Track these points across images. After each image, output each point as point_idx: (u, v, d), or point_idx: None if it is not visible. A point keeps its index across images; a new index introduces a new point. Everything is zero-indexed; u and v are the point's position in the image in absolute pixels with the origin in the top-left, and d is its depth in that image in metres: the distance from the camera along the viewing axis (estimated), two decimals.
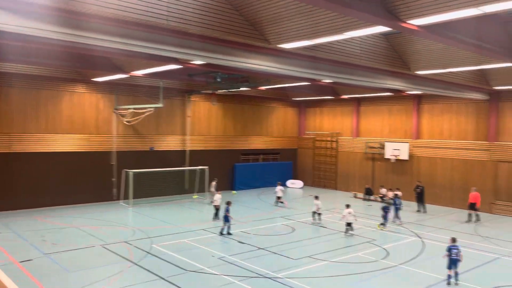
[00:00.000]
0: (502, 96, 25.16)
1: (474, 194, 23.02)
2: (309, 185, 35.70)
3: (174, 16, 10.84)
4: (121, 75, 21.91)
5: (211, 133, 31.55)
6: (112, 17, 10.38)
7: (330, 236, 18.97)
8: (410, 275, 14.05)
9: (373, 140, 31.58)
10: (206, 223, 20.82)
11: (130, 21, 10.62)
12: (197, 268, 14.09)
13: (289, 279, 13.24)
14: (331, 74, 16.75)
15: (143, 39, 11.56)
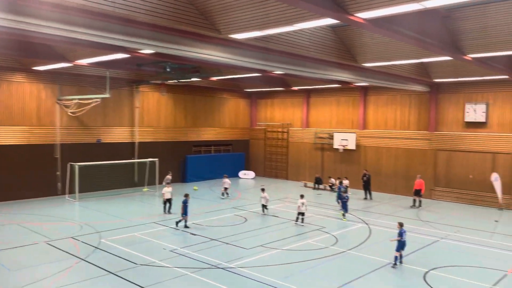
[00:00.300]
0: (441, 88, 26.60)
1: (418, 181, 24.34)
2: (261, 175, 36.06)
3: (121, 3, 10.46)
4: (65, 64, 20.90)
5: (161, 125, 30.95)
6: (52, 2, 9.83)
7: (281, 225, 19.30)
8: (358, 259, 14.62)
9: (322, 131, 32.37)
10: (157, 216, 20.48)
11: (72, 6, 10.11)
12: (148, 262, 13.87)
13: (241, 268, 13.36)
14: (282, 66, 16.93)
15: (87, 26, 11.07)
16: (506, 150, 24.21)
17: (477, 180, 25.17)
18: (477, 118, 25.13)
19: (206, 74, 25.07)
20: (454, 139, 26.10)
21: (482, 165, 25.03)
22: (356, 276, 12.88)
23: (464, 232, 18.60)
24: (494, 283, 12.59)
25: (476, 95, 25.41)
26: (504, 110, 24.49)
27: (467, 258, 15.01)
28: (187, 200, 18.40)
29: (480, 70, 21.40)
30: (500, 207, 23.86)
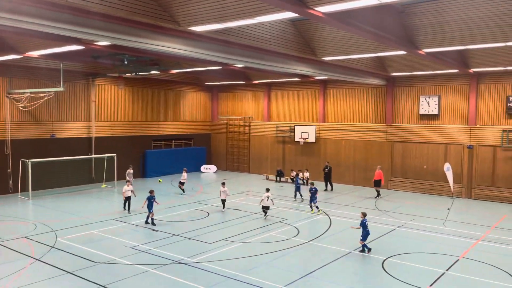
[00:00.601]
0: (397, 81, 27.45)
1: (378, 172, 25.11)
2: (223, 169, 35.96)
3: None
4: (14, 55, 19.84)
5: (119, 119, 30.13)
6: None
7: (244, 218, 19.34)
8: (320, 250, 14.90)
9: (283, 124, 32.64)
10: (116, 213, 19.98)
11: None
12: (108, 259, 13.51)
13: (204, 263, 13.28)
14: (242, 59, 16.86)
15: (37, 16, 10.52)
16: (457, 141, 25.36)
17: (431, 170, 26.24)
18: (431, 110, 26.16)
19: (165, 67, 24.58)
20: (409, 131, 27.05)
21: (435, 155, 26.11)
22: (317, 266, 13.12)
23: (419, 220, 19.37)
24: (447, 267, 13.19)
25: (429, 88, 26.41)
26: (455, 103, 25.61)
27: (422, 245, 15.63)
28: (152, 196, 18.01)
29: (433, 64, 22.25)
30: (452, 195, 25.03)
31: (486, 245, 15.65)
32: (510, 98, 23.58)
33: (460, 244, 15.77)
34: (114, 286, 11.40)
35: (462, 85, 25.28)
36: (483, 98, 24.69)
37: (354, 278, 12.48)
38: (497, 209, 22.12)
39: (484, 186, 24.60)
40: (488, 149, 24.41)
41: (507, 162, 23.85)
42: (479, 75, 24.46)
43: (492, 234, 17.19)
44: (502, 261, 13.87)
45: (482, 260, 13.92)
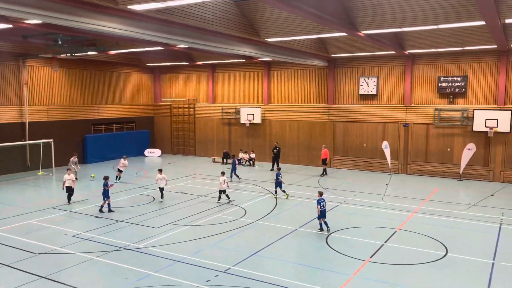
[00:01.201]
0: (338, 63, 28.19)
1: (324, 151, 25.88)
2: (168, 153, 35.38)
3: None
4: None
5: (54, 102, 28.54)
6: None
7: (190, 201, 19.24)
8: (266, 229, 15.20)
9: (228, 106, 32.54)
10: (55, 200, 19.09)
11: None
12: (48, 250, 12.95)
13: (151, 248, 13.12)
14: (185, 39, 16.47)
15: None
16: (394, 120, 26.64)
17: (370, 148, 27.46)
18: (370, 90, 27.21)
19: (103, 47, 23.48)
20: (350, 111, 28.01)
21: (374, 134, 27.31)
22: (264, 245, 13.41)
23: (360, 196, 20.30)
24: (386, 239, 14.00)
25: (368, 69, 27.39)
26: (392, 83, 26.80)
27: (363, 219, 16.43)
28: (107, 183, 17.30)
29: (371, 46, 23.06)
30: (389, 171, 26.41)
31: (420, 217, 16.74)
32: (441, 79, 25.06)
33: (397, 217, 16.76)
34: (56, 276, 10.98)
35: (399, 66, 26.46)
36: (417, 79, 26.03)
37: (299, 254, 12.90)
38: (429, 183, 23.66)
39: (418, 162, 26.18)
40: (422, 126, 25.90)
41: (438, 138, 25.49)
42: (414, 56, 25.70)
43: (425, 206, 18.41)
44: (435, 231, 14.93)
45: (417, 231, 14.90)
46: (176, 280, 10.71)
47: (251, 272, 11.25)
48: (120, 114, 33.29)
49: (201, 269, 11.44)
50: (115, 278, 10.94)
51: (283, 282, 10.62)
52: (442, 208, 18.02)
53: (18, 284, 10.50)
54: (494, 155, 24.02)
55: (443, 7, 15.17)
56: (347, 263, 12.05)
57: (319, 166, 27.22)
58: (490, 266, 11.82)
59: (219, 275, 11.04)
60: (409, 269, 11.68)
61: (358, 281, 10.83)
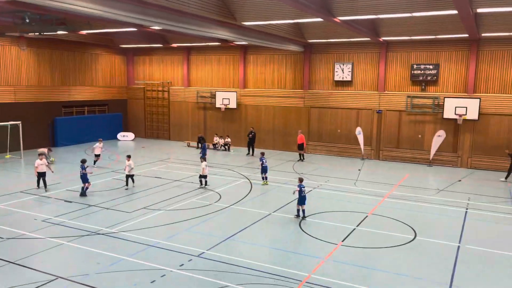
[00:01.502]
0: (314, 48, 28.22)
1: (300, 136, 26.05)
2: (141, 136, 34.87)
3: None
4: None
5: (22, 83, 27.54)
6: None
7: (164, 186, 19.08)
8: (241, 213, 15.27)
9: (204, 90, 32.20)
10: (24, 185, 18.58)
11: None
12: (17, 234, 12.63)
13: (124, 232, 12.98)
14: (159, 21, 16.08)
15: None
16: (367, 107, 27.00)
17: (344, 134, 27.81)
18: (345, 77, 27.41)
19: (73, 27, 22.69)
20: (325, 97, 28.19)
21: (348, 120, 27.63)
22: (238, 229, 13.47)
23: (334, 181, 20.61)
24: (357, 224, 14.29)
25: (344, 55, 27.55)
26: (366, 70, 27.07)
27: (336, 204, 16.71)
28: (84, 166, 17.02)
29: (347, 32, 23.16)
30: (362, 157, 26.87)
31: (391, 202, 17.16)
32: (414, 66, 25.47)
33: (369, 202, 17.12)
34: (25, 262, 10.74)
35: (373, 53, 26.72)
36: (391, 66, 26.37)
37: (273, 238, 13.03)
38: (401, 168, 24.22)
39: (390, 148, 26.71)
40: (394, 113, 26.36)
41: (410, 125, 26.03)
42: (388, 43, 25.98)
43: (396, 191, 18.87)
44: (404, 215, 15.35)
45: (388, 215, 15.27)
46: (150, 265, 10.66)
47: (225, 256, 11.31)
48: (92, 96, 32.47)
49: (174, 254, 11.42)
50: (87, 262, 10.79)
51: (256, 265, 10.73)
52: (412, 193, 18.51)
53: None
54: (463, 142, 24.75)
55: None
56: (319, 247, 12.26)
57: (295, 152, 27.43)
58: (456, 249, 12.27)
59: (192, 259, 11.05)
60: (380, 252, 11.99)
61: (330, 264, 11.05)
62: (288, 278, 10.05)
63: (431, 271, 10.79)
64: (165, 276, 10.08)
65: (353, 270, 10.67)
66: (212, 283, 9.73)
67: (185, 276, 10.08)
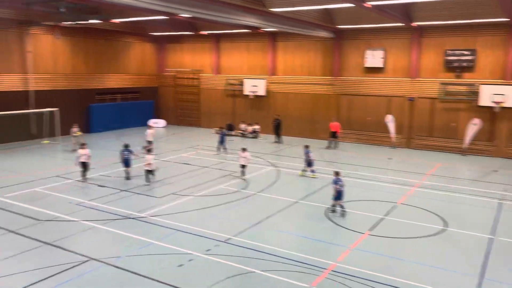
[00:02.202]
0: (344, 34, 27.69)
1: (334, 124, 25.79)
2: (172, 123, 35.42)
3: None
4: None
5: (58, 71, 28.44)
6: None
7: (193, 172, 19.40)
8: (267, 201, 15.37)
9: (233, 77, 32.28)
10: (60, 169, 19.31)
11: None
12: (53, 217, 13.20)
13: (153, 217, 13.34)
14: (188, 8, 16.22)
15: None
16: (399, 94, 26.37)
17: (374, 122, 27.32)
18: (376, 63, 26.81)
19: (106, 15, 23.16)
20: (355, 84, 27.72)
21: (378, 108, 27.10)
22: (265, 216, 13.58)
23: (362, 170, 20.36)
24: (386, 213, 14.12)
25: (375, 41, 26.91)
26: (398, 56, 26.37)
27: (364, 193, 16.53)
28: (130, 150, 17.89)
29: (378, 18, 22.56)
30: (393, 145, 26.37)
31: (421, 191, 16.82)
32: (448, 52, 24.61)
33: (398, 191, 16.84)
34: (60, 243, 11.24)
35: (406, 38, 25.96)
36: (424, 52, 25.58)
37: (299, 226, 13.06)
38: (433, 157, 23.64)
39: (422, 136, 26.07)
40: (427, 101, 25.65)
41: (444, 113, 25.27)
42: (421, 29, 25.17)
43: (427, 181, 18.46)
44: (435, 205, 15.02)
45: (417, 205, 15.00)
46: (177, 249, 10.94)
47: (251, 242, 11.44)
48: (124, 84, 33.18)
49: (201, 239, 11.66)
50: (118, 245, 11.18)
51: (282, 252, 10.82)
52: (444, 183, 18.07)
53: (23, 250, 10.77)
54: (499, 130, 23.85)
55: None
56: (346, 236, 12.21)
57: (323, 139, 27.20)
58: (488, 241, 11.94)
59: (219, 245, 11.25)
60: (408, 242, 11.83)
61: (357, 253, 11.00)
62: (313, 266, 10.09)
63: (460, 262, 10.57)
64: (192, 260, 10.32)
65: (379, 260, 10.60)
66: (238, 269, 9.89)
67: (212, 261, 10.28)
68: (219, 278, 9.41)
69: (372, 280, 9.48)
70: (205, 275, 9.57)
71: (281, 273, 9.73)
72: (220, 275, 9.55)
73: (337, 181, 13.68)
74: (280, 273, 9.75)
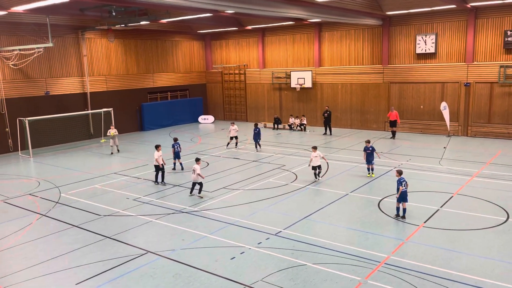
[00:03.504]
0: (393, 21, 26.77)
1: (393, 113, 25.06)
2: (220, 119, 36.00)
3: None
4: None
5: (112, 73, 29.73)
6: None
7: (242, 166, 19.65)
8: (317, 193, 15.29)
9: (279, 70, 32.23)
10: (117, 166, 20.26)
11: None
12: (112, 212, 13.90)
13: (205, 211, 13.68)
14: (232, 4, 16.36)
15: None
16: (453, 79, 25.16)
17: (428, 110, 26.27)
18: (427, 49, 25.73)
19: (154, 16, 23.89)
20: (406, 71, 26.77)
21: (432, 95, 26.03)
22: (315, 209, 13.53)
23: (416, 160, 19.69)
24: (441, 204, 13.59)
25: (426, 26, 25.80)
26: (452, 40, 25.13)
27: (418, 184, 15.98)
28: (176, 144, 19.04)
29: (429, 1, 21.59)
30: (448, 134, 25.24)
31: (481, 181, 16.02)
32: (508, 33, 23.12)
33: (455, 181, 16.14)
34: (120, 237, 11.83)
35: (460, 21, 24.68)
36: (480, 34, 24.19)
37: (351, 218, 12.88)
38: (492, 145, 22.40)
39: (480, 123, 24.76)
40: (485, 85, 24.29)
41: (504, 98, 23.83)
42: (477, 9, 23.81)
43: (487, 170, 17.54)
44: (496, 195, 14.26)
45: (476, 196, 14.31)
46: (229, 242, 11.17)
47: (302, 235, 11.45)
48: (174, 82, 34.12)
49: (253, 232, 11.82)
50: (173, 239, 11.60)
51: (333, 245, 10.74)
52: (505, 172, 17.09)
53: (87, 243, 11.45)
54: None
55: None
56: (400, 228, 11.91)
57: (374, 130, 26.61)
58: None
59: (270, 238, 11.36)
60: (466, 234, 11.34)
61: (411, 245, 10.70)
62: (366, 259, 9.94)
63: None
64: (244, 253, 10.50)
65: (436, 253, 10.24)
66: (289, 262, 9.95)
67: (263, 254, 10.41)
68: (271, 271, 9.52)
69: (428, 273, 9.20)
70: (257, 268, 9.71)
71: (333, 266, 9.67)
72: (271, 268, 9.65)
73: (401, 181, 12.41)
74: (332, 266, 9.69)
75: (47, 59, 25.68)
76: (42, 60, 25.26)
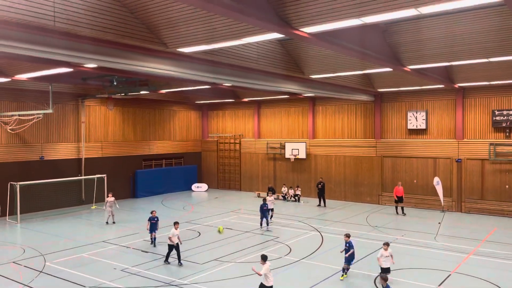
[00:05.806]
0: (384, 97, 27.82)
1: (399, 188, 24.45)
2: (214, 187, 35.84)
3: (61, 17, 10.11)
4: (2, 79, 19.80)
5: (108, 139, 30.02)
6: None
7: (236, 237, 19.22)
8: (312, 268, 14.83)
9: (273, 141, 32.76)
10: (106, 234, 19.74)
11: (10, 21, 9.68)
12: (98, 283, 13.31)
13: (196, 284, 13.15)
14: (231, 78, 17.02)
15: (27, 41, 10.61)
16: (445, 155, 25.61)
17: (421, 185, 26.41)
18: (419, 125, 26.47)
19: (154, 87, 24.67)
20: (398, 146, 27.29)
21: (424, 169, 26.31)
22: (310, 284, 13.05)
23: (410, 235, 19.41)
24: (439, 283, 13.20)
25: (416, 103, 26.77)
26: (442, 118, 25.95)
27: (414, 260, 15.64)
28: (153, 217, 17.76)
29: (419, 80, 22.63)
30: (442, 209, 25.16)
31: (477, 259, 15.71)
32: (495, 112, 24.00)
33: (452, 258, 15.81)
34: None
35: (449, 99, 25.69)
36: (469, 112, 25.07)
37: None
38: (487, 222, 22.27)
39: (473, 199, 24.80)
40: (476, 162, 24.69)
41: (495, 175, 24.12)
42: (465, 89, 24.90)
43: (483, 247, 17.28)
44: (493, 274, 13.92)
45: (474, 275, 13.95)
46: None
47: None
48: (169, 149, 34.40)
49: None
50: None
51: None
52: (502, 250, 16.83)
53: None
54: None
55: (491, 41, 14.73)
56: None
57: (367, 203, 26.51)
58: None
59: None
60: None
61: None
62: None
63: None
64: None
65: None
66: None
67: None
68: None
69: None
70: None
71: None
72: None
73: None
74: None
75: (45, 124, 26.03)
76: (40, 125, 25.59)
